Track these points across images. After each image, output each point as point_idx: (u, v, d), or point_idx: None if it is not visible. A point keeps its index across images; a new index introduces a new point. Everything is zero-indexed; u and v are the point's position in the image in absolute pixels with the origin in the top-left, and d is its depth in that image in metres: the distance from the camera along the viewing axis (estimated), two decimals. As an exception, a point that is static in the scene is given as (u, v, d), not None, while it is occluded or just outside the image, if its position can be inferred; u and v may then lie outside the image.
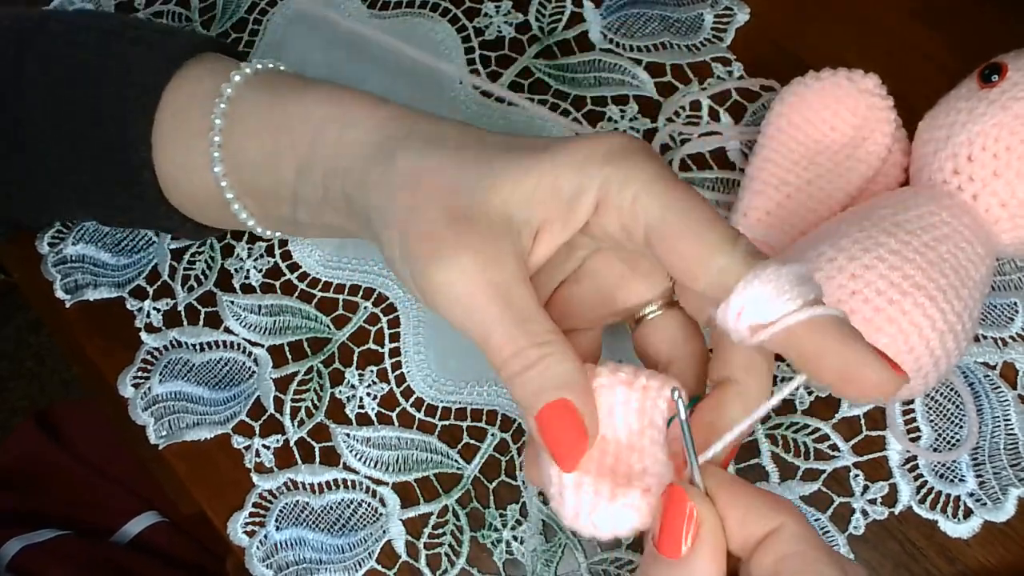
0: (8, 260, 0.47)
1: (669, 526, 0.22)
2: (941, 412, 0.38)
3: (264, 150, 0.33)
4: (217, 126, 0.33)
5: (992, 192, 0.35)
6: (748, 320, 0.23)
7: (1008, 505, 0.36)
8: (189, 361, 0.43)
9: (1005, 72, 0.35)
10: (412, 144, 0.29)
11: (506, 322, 0.25)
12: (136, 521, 0.61)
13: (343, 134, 0.30)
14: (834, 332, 0.22)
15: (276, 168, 0.33)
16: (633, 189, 0.25)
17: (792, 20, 0.46)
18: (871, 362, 0.22)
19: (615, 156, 0.26)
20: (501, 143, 0.28)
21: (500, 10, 0.49)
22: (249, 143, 0.33)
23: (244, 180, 0.34)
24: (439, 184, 0.27)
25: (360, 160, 0.29)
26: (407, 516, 0.40)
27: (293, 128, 0.32)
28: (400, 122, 0.30)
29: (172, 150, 0.35)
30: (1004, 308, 0.39)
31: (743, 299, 0.23)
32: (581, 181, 0.26)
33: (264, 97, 0.33)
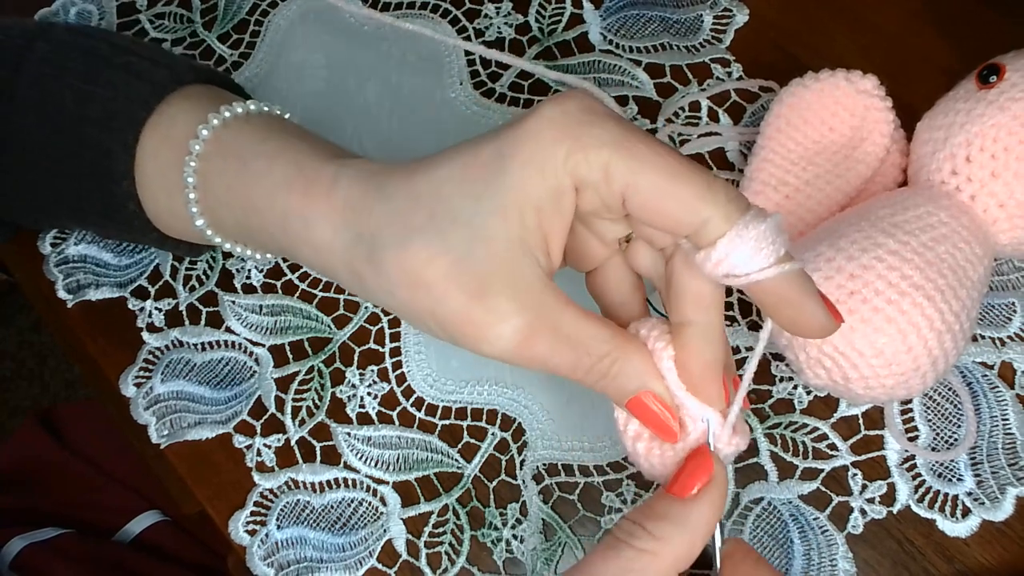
0: (10, 260, 0.47)
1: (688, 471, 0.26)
2: (939, 412, 0.38)
3: (238, 222, 0.33)
4: (191, 184, 0.33)
5: (990, 193, 0.35)
6: (725, 270, 0.25)
7: (1006, 504, 0.36)
8: (191, 361, 0.43)
9: (1003, 73, 0.35)
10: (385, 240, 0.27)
11: (567, 357, 0.27)
12: (138, 520, 0.61)
13: (310, 234, 0.30)
14: (794, 286, 0.25)
15: (258, 240, 0.33)
16: (600, 163, 0.25)
17: (791, 21, 0.46)
18: (819, 313, 0.26)
19: (570, 137, 0.25)
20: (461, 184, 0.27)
21: (500, 11, 0.49)
22: (224, 212, 0.33)
23: (232, 235, 0.34)
24: (438, 271, 0.26)
25: (343, 265, 0.29)
26: (408, 515, 0.40)
27: (262, 211, 0.31)
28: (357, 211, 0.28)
29: (155, 193, 0.35)
30: (1002, 308, 0.40)
31: (723, 253, 0.25)
32: (553, 185, 0.25)
33: (230, 167, 0.32)
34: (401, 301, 0.27)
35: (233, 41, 0.50)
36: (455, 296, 0.26)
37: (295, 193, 0.30)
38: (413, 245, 0.27)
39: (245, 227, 0.33)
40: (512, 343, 0.26)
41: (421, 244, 0.26)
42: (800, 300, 0.25)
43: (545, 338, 0.26)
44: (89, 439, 0.65)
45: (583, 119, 0.25)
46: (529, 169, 0.25)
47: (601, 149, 0.25)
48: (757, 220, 0.24)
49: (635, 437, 0.28)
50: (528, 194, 0.26)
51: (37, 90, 0.35)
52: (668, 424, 0.27)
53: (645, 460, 0.28)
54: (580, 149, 0.25)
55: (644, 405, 0.27)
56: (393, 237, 0.27)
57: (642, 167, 0.25)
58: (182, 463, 0.42)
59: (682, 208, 0.25)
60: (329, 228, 0.29)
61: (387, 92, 0.48)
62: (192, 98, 0.35)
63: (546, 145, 0.25)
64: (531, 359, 0.27)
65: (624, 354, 0.27)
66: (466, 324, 0.26)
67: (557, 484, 0.39)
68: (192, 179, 0.33)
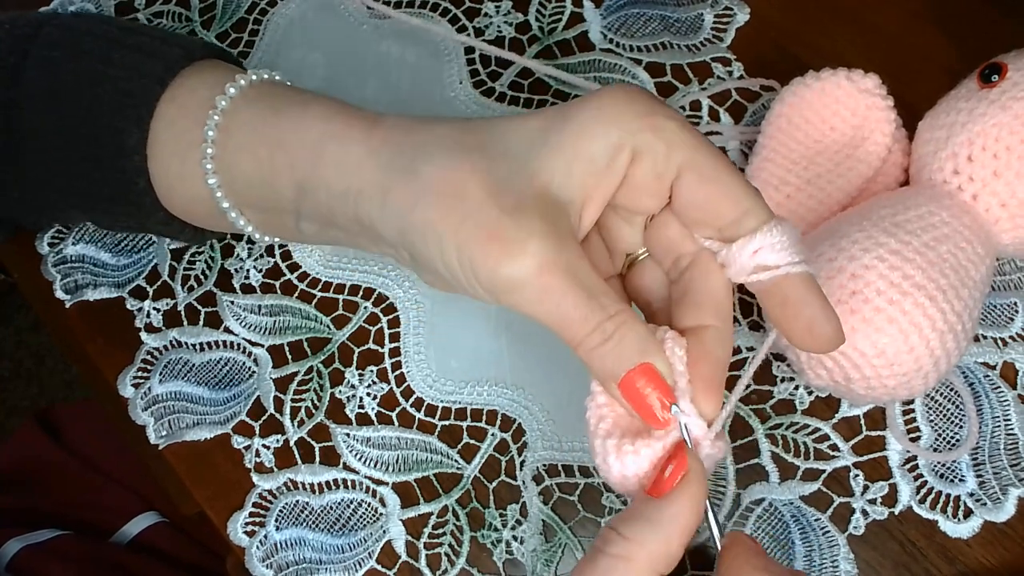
0: (8, 260, 0.47)
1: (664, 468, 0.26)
2: (941, 412, 0.38)
3: (260, 166, 0.32)
4: (210, 138, 0.33)
5: (992, 192, 0.35)
6: (759, 259, 0.26)
7: (1008, 505, 0.36)
8: (189, 361, 0.43)
9: (1005, 72, 0.35)
10: (433, 152, 0.28)
11: (580, 303, 0.26)
12: (136, 521, 0.61)
13: (346, 153, 0.30)
14: (815, 288, 0.26)
15: (273, 184, 0.32)
16: (667, 134, 0.26)
17: (792, 20, 0.46)
18: (832, 320, 0.26)
19: (641, 106, 0.27)
20: (521, 131, 0.28)
21: (500, 10, 0.49)
22: (243, 157, 0.32)
23: (240, 193, 0.34)
24: (478, 185, 0.26)
25: (373, 180, 0.29)
26: (407, 516, 0.40)
27: (290, 145, 0.31)
28: (406, 132, 0.29)
29: (167, 160, 0.34)
30: (1004, 308, 0.39)
31: (763, 241, 0.26)
32: (615, 142, 0.26)
33: (259, 110, 0.33)
34: (424, 214, 0.27)
35: (232, 40, 0.50)
36: (490, 209, 0.26)
37: (334, 125, 0.30)
38: (461, 160, 0.27)
39: (267, 171, 0.32)
40: (535, 264, 0.25)
41: (469, 161, 0.27)
42: (820, 302, 0.26)
43: (564, 275, 0.26)
44: (87, 439, 0.65)
45: (654, 98, 0.27)
46: (593, 123, 0.27)
47: (671, 121, 0.27)
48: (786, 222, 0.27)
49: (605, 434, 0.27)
50: (584, 145, 0.27)
51: (46, 73, 0.35)
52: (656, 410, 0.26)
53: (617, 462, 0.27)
54: (653, 115, 0.27)
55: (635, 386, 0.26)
56: (441, 151, 0.28)
57: (702, 150, 0.26)
58: (180, 464, 0.42)
59: (731, 194, 0.26)
60: (366, 148, 0.29)
61: (387, 91, 0.48)
62: (210, 69, 0.35)
63: (619, 105, 0.27)
64: (545, 292, 0.26)
65: (631, 318, 0.26)
66: (493, 239, 0.26)
67: (557, 485, 0.39)
68: (212, 133, 0.33)
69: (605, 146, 0.27)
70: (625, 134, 0.26)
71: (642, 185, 0.27)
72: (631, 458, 0.26)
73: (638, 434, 0.27)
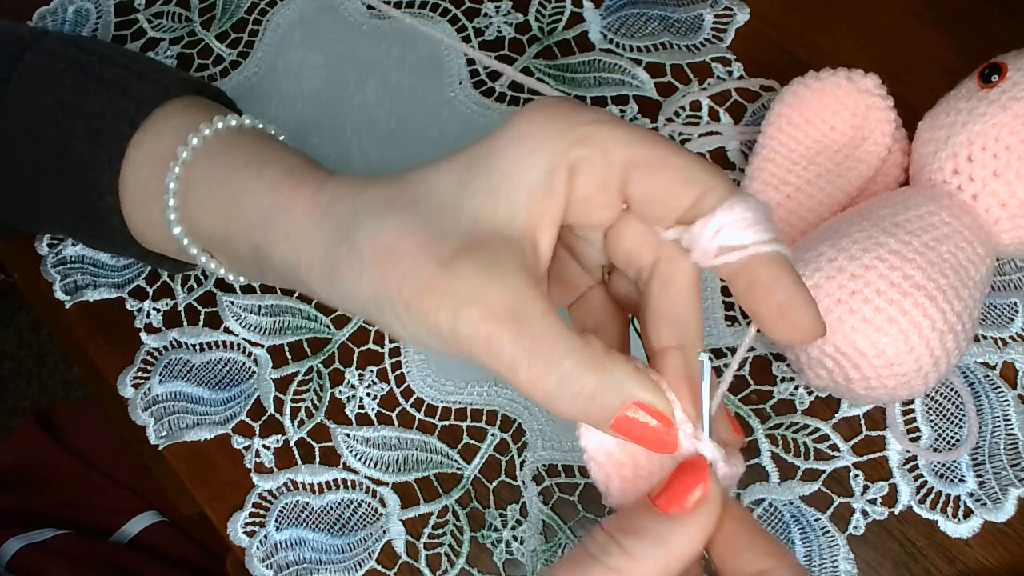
0: (8, 261, 0.47)
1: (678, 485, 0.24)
2: (941, 412, 0.38)
3: (217, 224, 0.32)
4: (171, 190, 0.32)
5: (992, 192, 0.34)
6: (722, 240, 0.24)
7: (1008, 505, 0.36)
8: (189, 361, 0.43)
9: (1005, 72, 0.35)
10: (364, 220, 0.27)
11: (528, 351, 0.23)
12: (136, 521, 0.61)
13: (291, 224, 0.29)
14: (788, 269, 0.24)
15: (233, 242, 0.32)
16: (597, 139, 0.25)
17: (792, 20, 0.46)
18: (809, 306, 0.24)
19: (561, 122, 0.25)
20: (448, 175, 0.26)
21: (500, 10, 0.49)
22: (203, 214, 0.32)
23: (205, 242, 0.34)
24: (413, 243, 0.25)
25: (318, 255, 0.28)
26: (407, 516, 0.40)
27: (244, 209, 0.31)
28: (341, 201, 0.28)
29: (136, 207, 0.34)
30: (1004, 308, 0.39)
31: (725, 219, 0.24)
32: (547, 162, 0.25)
33: (217, 169, 0.32)
34: (373, 284, 0.26)
35: (231, 40, 0.50)
36: (425, 264, 0.25)
37: (282, 194, 0.30)
38: (390, 220, 0.26)
39: (224, 230, 0.32)
40: (474, 313, 0.24)
41: (398, 219, 0.26)
42: (793, 285, 0.24)
43: (509, 322, 0.24)
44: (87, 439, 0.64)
45: (575, 107, 0.26)
46: (520, 151, 0.25)
47: (599, 126, 0.25)
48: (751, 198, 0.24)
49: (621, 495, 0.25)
50: (517, 176, 0.25)
51: (25, 101, 0.35)
52: (663, 436, 0.24)
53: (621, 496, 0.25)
54: (576, 127, 0.25)
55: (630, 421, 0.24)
56: (373, 216, 0.27)
57: (641, 142, 0.25)
58: (181, 464, 0.42)
59: (683, 177, 0.24)
60: (311, 220, 0.29)
61: (386, 91, 0.48)
62: (180, 111, 0.35)
63: (539, 127, 0.25)
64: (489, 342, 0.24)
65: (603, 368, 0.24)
66: (429, 293, 0.24)
67: (557, 485, 0.39)
68: (174, 184, 0.32)
69: (539, 173, 0.25)
70: (554, 155, 0.25)
71: (588, 199, 0.26)
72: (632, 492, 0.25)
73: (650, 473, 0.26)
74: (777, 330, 0.24)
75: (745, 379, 0.40)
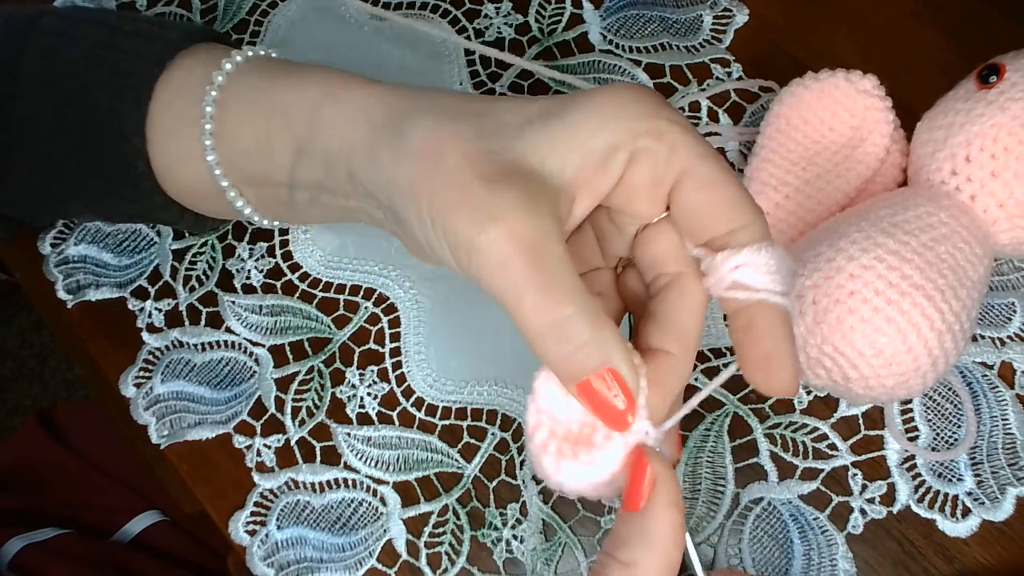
0: (10, 260, 0.47)
1: (631, 485, 0.25)
2: (939, 412, 0.38)
3: (258, 134, 0.32)
4: (208, 114, 0.33)
5: (990, 193, 0.35)
6: (739, 276, 0.25)
7: (1006, 504, 0.36)
8: (191, 361, 0.43)
9: (1003, 73, 0.35)
10: (421, 115, 0.28)
11: (537, 286, 0.24)
12: (137, 520, 0.61)
13: (341, 111, 0.30)
14: (786, 325, 0.25)
15: (271, 152, 0.32)
16: (669, 143, 0.26)
17: (791, 21, 0.46)
18: (791, 365, 0.25)
19: (645, 107, 0.26)
20: (518, 111, 0.27)
21: (500, 11, 0.49)
22: (241, 129, 0.33)
23: (238, 167, 0.34)
24: (463, 151, 0.26)
25: (364, 136, 0.29)
26: (408, 515, 0.40)
27: (287, 110, 0.31)
28: (401, 96, 0.29)
29: (165, 140, 0.34)
30: (1002, 308, 0.40)
31: (749, 258, 0.25)
32: (615, 138, 0.26)
33: (256, 82, 0.33)
34: (406, 174, 0.26)
35: (233, 41, 0.50)
36: (466, 172, 0.25)
37: (332, 85, 0.30)
38: (448, 124, 0.27)
39: (264, 142, 0.32)
40: (499, 231, 0.24)
41: (455, 126, 0.26)
42: (785, 341, 0.25)
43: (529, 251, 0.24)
44: (89, 439, 0.65)
45: (660, 101, 0.26)
46: (594, 117, 0.26)
47: (676, 126, 0.26)
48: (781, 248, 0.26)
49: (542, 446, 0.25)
50: (582, 137, 0.26)
51: (43, 61, 0.35)
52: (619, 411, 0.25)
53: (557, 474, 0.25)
54: (657, 118, 0.26)
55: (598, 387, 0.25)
56: (430, 115, 0.27)
57: (705, 157, 0.26)
58: (182, 463, 0.42)
59: (730, 205, 0.26)
60: (363, 105, 0.29)
61: (387, 92, 0.48)
62: (207, 51, 0.35)
63: (623, 104, 0.26)
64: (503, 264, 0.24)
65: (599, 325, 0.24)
66: (464, 201, 0.25)
67: (557, 484, 0.39)
68: (211, 108, 0.33)
69: (603, 143, 0.26)
70: (625, 135, 0.26)
71: (638, 189, 0.27)
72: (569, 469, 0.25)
73: (577, 442, 0.26)
74: (756, 374, 0.25)
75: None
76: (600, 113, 0.26)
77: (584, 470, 0.25)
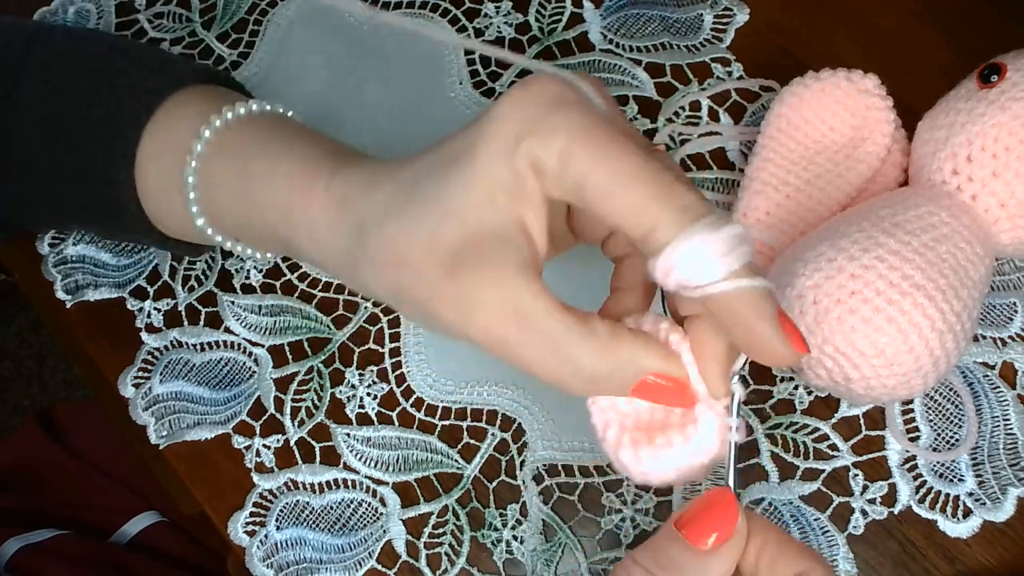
0: (9, 260, 0.47)
1: (707, 517, 0.24)
2: (940, 412, 0.38)
3: (239, 219, 0.33)
4: (191, 184, 0.33)
5: (991, 192, 0.35)
6: (676, 279, 0.23)
7: (1007, 505, 0.36)
8: (190, 361, 0.43)
9: (1004, 73, 0.35)
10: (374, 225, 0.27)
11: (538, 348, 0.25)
12: (136, 520, 0.61)
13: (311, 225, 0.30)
14: (749, 304, 0.23)
15: (258, 234, 0.33)
16: (555, 150, 0.24)
17: (792, 21, 0.46)
18: (775, 339, 0.23)
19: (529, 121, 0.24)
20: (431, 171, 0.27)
21: (500, 11, 0.49)
22: (224, 209, 0.33)
23: (228, 230, 0.34)
24: (413, 247, 0.26)
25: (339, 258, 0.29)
26: (407, 516, 0.40)
27: (264, 207, 0.31)
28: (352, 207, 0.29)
29: (154, 194, 0.35)
30: (1003, 308, 0.39)
31: (671, 260, 0.23)
32: (514, 168, 0.24)
33: (232, 164, 0.33)
34: (389, 285, 0.27)
35: (232, 41, 0.50)
36: (433, 272, 0.25)
37: (296, 191, 0.30)
38: (394, 227, 0.27)
39: (247, 224, 0.33)
40: (483, 322, 0.25)
41: (396, 224, 0.27)
42: (754, 322, 0.23)
43: (516, 324, 0.24)
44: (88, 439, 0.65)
45: (547, 105, 0.24)
46: (493, 151, 0.25)
47: (557, 136, 0.24)
48: (709, 228, 0.23)
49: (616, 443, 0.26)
50: (493, 176, 0.25)
51: (37, 96, 0.35)
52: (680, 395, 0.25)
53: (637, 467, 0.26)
54: (535, 133, 0.24)
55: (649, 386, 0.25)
56: (375, 222, 0.27)
57: (599, 159, 0.23)
58: (181, 464, 0.42)
59: (630, 209, 0.23)
60: (326, 222, 0.29)
61: (387, 92, 0.48)
62: (193, 100, 0.35)
63: (509, 129, 0.24)
64: (504, 347, 0.25)
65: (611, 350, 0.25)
66: (443, 302, 0.25)
67: (557, 485, 0.39)
68: (192, 179, 0.33)
69: (509, 173, 0.24)
70: (519, 159, 0.24)
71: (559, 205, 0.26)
72: (648, 456, 0.25)
73: (650, 428, 0.26)
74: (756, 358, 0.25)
75: (745, 379, 0.40)
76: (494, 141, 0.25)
77: (663, 453, 0.25)
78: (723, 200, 0.42)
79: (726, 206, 0.42)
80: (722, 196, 0.43)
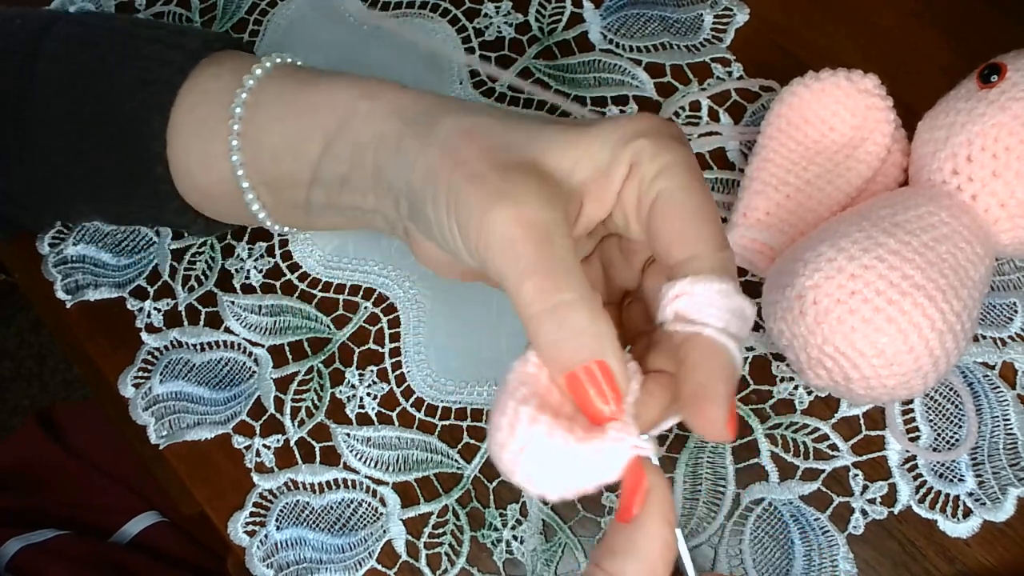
0: (9, 260, 0.47)
1: (626, 495, 0.24)
2: (940, 412, 0.38)
3: (286, 132, 0.33)
4: (237, 115, 0.34)
5: (991, 192, 0.35)
6: (682, 305, 0.25)
7: (1007, 505, 0.36)
8: (190, 361, 0.43)
9: (1004, 72, 0.35)
10: (454, 111, 0.29)
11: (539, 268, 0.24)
12: (136, 521, 0.61)
13: (376, 107, 0.31)
14: (720, 361, 0.24)
15: (299, 148, 0.33)
16: (660, 163, 0.26)
17: (792, 20, 0.46)
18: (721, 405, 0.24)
19: (651, 133, 0.27)
20: (542, 119, 0.29)
21: (500, 10, 0.49)
22: (271, 127, 0.34)
23: (262, 167, 0.34)
24: (487, 142, 0.27)
25: (395, 129, 0.30)
26: (407, 516, 0.40)
27: (319, 108, 0.32)
28: (435, 96, 0.31)
29: (188, 143, 0.35)
30: (1003, 308, 0.39)
31: (691, 288, 0.25)
32: (618, 153, 0.27)
33: (287, 85, 0.34)
34: (427, 161, 0.28)
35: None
36: (485, 160, 0.26)
37: (366, 86, 0.32)
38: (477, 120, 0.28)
39: (295, 138, 0.33)
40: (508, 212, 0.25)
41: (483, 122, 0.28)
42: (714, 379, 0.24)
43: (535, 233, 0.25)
44: (88, 439, 0.65)
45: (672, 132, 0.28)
46: (609, 133, 0.27)
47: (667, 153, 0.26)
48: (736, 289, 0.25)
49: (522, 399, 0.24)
50: (595, 147, 0.27)
51: (60, 64, 0.35)
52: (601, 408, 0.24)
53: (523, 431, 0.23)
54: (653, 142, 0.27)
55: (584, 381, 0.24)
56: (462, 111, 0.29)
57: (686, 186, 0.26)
58: (181, 464, 0.42)
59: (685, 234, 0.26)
60: (396, 104, 0.31)
61: (387, 92, 0.48)
62: (229, 58, 0.36)
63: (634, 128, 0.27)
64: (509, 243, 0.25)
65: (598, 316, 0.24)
66: (478, 182, 0.26)
67: (557, 485, 0.39)
68: (240, 110, 0.34)
69: (609, 155, 0.27)
70: (627, 150, 0.27)
71: (630, 207, 0.28)
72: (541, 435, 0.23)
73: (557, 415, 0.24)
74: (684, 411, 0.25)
75: (745, 379, 0.40)
76: (615, 131, 0.27)
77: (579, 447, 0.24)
78: (723, 200, 0.42)
79: (726, 206, 0.42)
80: (722, 196, 0.43)
